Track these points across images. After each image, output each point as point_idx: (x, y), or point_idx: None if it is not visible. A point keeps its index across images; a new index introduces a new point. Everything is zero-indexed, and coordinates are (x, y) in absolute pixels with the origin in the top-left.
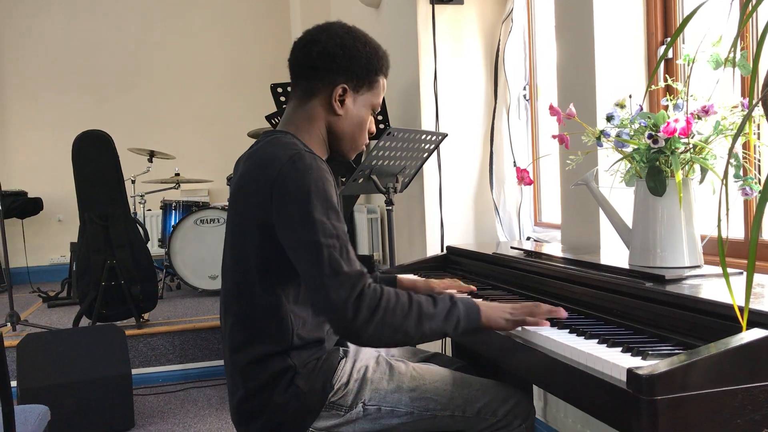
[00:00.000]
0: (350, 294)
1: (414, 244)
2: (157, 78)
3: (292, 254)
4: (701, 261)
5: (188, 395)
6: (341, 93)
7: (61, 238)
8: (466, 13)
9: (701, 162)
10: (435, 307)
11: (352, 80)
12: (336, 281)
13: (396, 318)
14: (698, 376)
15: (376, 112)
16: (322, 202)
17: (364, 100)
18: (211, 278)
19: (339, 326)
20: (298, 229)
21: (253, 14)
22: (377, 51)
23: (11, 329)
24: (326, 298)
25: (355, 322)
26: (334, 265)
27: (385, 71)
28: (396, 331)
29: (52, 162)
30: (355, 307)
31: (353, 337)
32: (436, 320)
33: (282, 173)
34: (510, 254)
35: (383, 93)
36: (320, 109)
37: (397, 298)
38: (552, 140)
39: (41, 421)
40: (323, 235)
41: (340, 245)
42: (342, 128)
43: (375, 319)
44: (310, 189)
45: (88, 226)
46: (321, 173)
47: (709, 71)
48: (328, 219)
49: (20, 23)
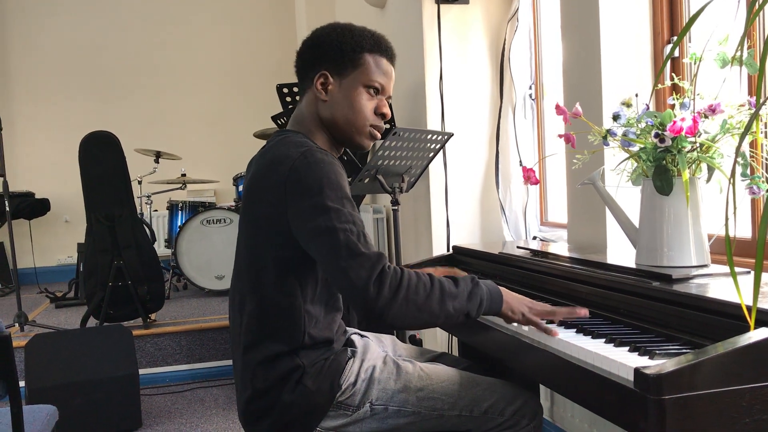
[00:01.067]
0: (371, 273)
1: (420, 244)
2: (163, 79)
3: (309, 246)
4: (708, 260)
5: (195, 395)
6: (322, 81)
7: (68, 238)
8: (471, 12)
9: (708, 161)
10: (457, 287)
11: (329, 65)
12: (355, 262)
13: (419, 296)
14: (706, 376)
15: (377, 90)
16: (336, 192)
17: (352, 80)
18: (217, 278)
19: (362, 307)
20: (313, 219)
21: (259, 15)
22: (352, 31)
23: (19, 330)
24: (346, 279)
25: (378, 301)
26: (351, 247)
27: (372, 48)
28: (420, 310)
29: (59, 163)
30: (376, 286)
31: (377, 317)
32: (460, 299)
33: (294, 168)
34: (516, 254)
35: (382, 72)
36: (311, 102)
37: (418, 278)
38: (558, 139)
39: (49, 421)
40: (338, 221)
41: (357, 230)
42: (332, 113)
43: (398, 298)
44: (322, 181)
45: (95, 227)
46: (333, 166)
47: (716, 70)
48: (343, 207)
49: (27, 26)
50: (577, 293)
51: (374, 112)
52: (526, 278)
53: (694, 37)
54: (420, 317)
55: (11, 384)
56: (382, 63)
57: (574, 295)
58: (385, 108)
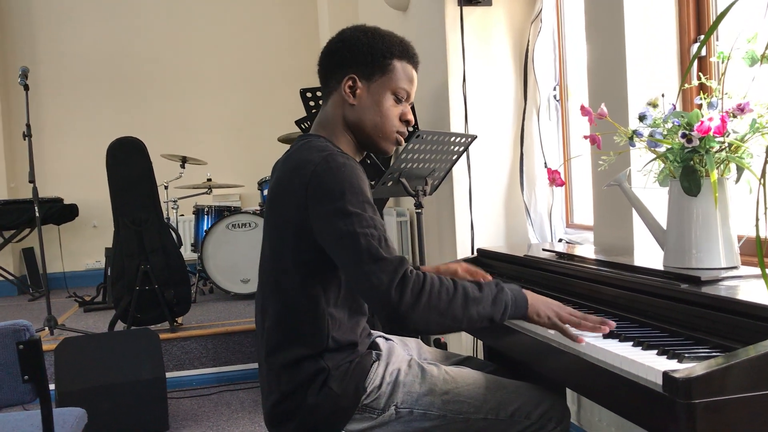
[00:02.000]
0: (393, 278)
1: (444, 247)
2: (188, 85)
3: (330, 250)
4: (738, 262)
5: (222, 398)
6: (351, 84)
7: (96, 243)
8: (494, 14)
9: (737, 161)
10: (481, 292)
11: (359, 69)
12: (377, 267)
13: (442, 301)
14: (737, 380)
15: (402, 97)
16: (357, 196)
17: (380, 86)
18: (243, 282)
19: (385, 312)
20: (334, 224)
21: (282, 20)
22: (383, 36)
23: (49, 333)
24: (368, 284)
25: (401, 305)
26: (373, 252)
27: (401, 55)
28: (443, 315)
29: (87, 169)
30: (399, 290)
31: (400, 322)
32: (484, 304)
33: (316, 172)
34: (542, 256)
35: (409, 79)
36: (337, 105)
37: (441, 282)
38: (583, 141)
39: (78, 424)
40: (359, 225)
41: (378, 235)
42: (359, 118)
43: (421, 303)
44: (344, 185)
45: (122, 232)
46: (354, 171)
47: (745, 68)
48: (364, 211)
49: (55, 35)
50: (603, 296)
51: (399, 119)
52: (552, 281)
53: (722, 35)
54: (443, 322)
55: (41, 387)
56: (409, 70)
57: (600, 298)
58: (409, 115)
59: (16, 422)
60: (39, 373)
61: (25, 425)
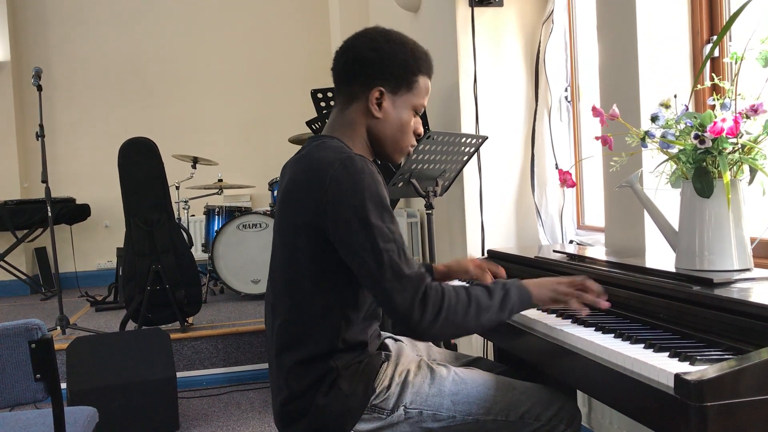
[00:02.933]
0: (414, 296)
1: (454, 248)
2: (199, 85)
3: (349, 259)
4: (751, 264)
5: (232, 398)
6: (378, 96)
7: (108, 243)
8: (505, 14)
9: (750, 162)
10: (491, 299)
11: (388, 82)
12: (399, 285)
13: (458, 316)
14: (749, 382)
15: (419, 112)
16: (377, 205)
17: (404, 101)
18: (253, 282)
19: (406, 328)
20: (355, 234)
21: (293, 21)
22: (414, 52)
23: (61, 333)
24: (391, 302)
25: (422, 323)
26: (396, 269)
27: (425, 71)
28: (458, 327)
29: (99, 169)
30: (421, 309)
31: (418, 336)
32: (493, 311)
33: (334, 177)
34: (553, 258)
35: (427, 93)
36: (360, 113)
37: (457, 296)
38: (595, 142)
39: (90, 423)
40: (382, 239)
41: (398, 248)
42: (382, 131)
43: (440, 319)
44: (364, 193)
45: (133, 232)
46: (373, 176)
47: (758, 69)
48: (384, 222)
49: (67, 36)
50: (615, 297)
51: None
52: None
53: (735, 36)
54: (457, 333)
55: (53, 386)
56: (428, 84)
57: (612, 300)
58: (420, 128)
59: (28, 420)
60: (51, 372)
61: (37, 424)
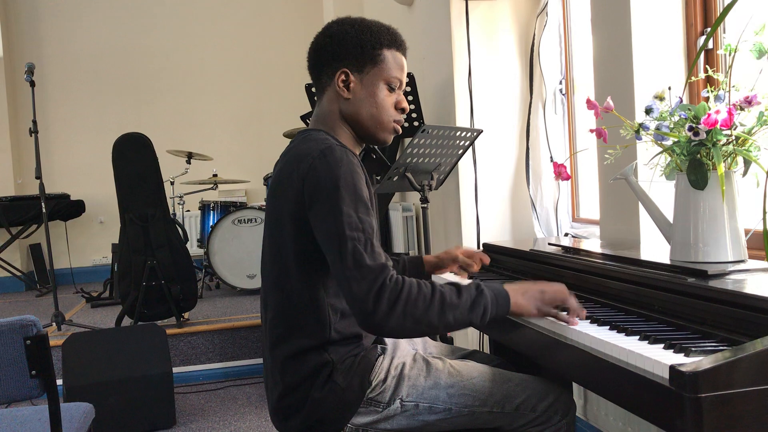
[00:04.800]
0: (371, 287)
1: (450, 242)
2: (194, 80)
3: (322, 246)
4: (745, 255)
5: (228, 393)
6: (344, 78)
7: (102, 239)
8: (500, 8)
9: (744, 154)
10: (459, 297)
11: (349, 62)
12: (357, 274)
13: (417, 309)
14: (744, 373)
15: (395, 85)
16: (351, 194)
17: (373, 77)
18: (249, 277)
19: (360, 318)
20: (326, 221)
21: (287, 16)
22: (370, 27)
23: (56, 329)
24: (349, 290)
25: (376, 314)
26: (357, 258)
27: (389, 44)
28: (418, 322)
29: (93, 165)
30: (375, 299)
31: (375, 329)
32: (461, 310)
33: (313, 166)
34: (548, 250)
35: (399, 67)
36: (333, 100)
37: (419, 290)
38: (589, 134)
39: (86, 419)
40: (349, 227)
41: (365, 238)
42: (356, 111)
43: (395, 312)
44: (339, 182)
45: (128, 228)
46: (351, 166)
47: (752, 61)
48: (356, 212)
49: (60, 31)
50: (610, 290)
51: (395, 107)
52: (558, 275)
53: (729, 28)
54: (418, 329)
55: (49, 382)
56: (399, 57)
57: (607, 292)
58: (404, 103)
59: (24, 417)
60: (46, 368)
61: (33, 420)
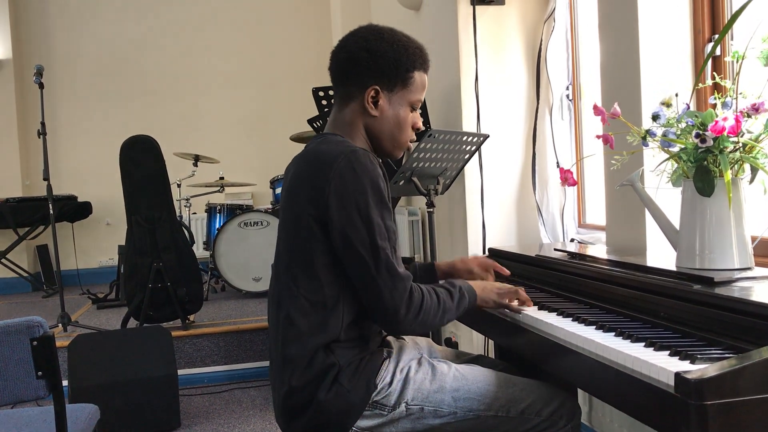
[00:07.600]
0: (404, 294)
1: (455, 246)
2: (201, 83)
3: (345, 252)
4: (752, 263)
5: (233, 396)
6: (374, 95)
7: (109, 241)
8: (507, 13)
9: (751, 161)
10: (452, 300)
11: (383, 81)
12: (391, 283)
13: (430, 316)
14: (750, 381)
15: (416, 108)
16: (378, 202)
17: (400, 98)
18: (254, 280)
19: (389, 322)
20: (355, 228)
21: (295, 19)
22: (407, 48)
23: (62, 330)
24: (381, 297)
25: (406, 320)
26: (390, 267)
27: (420, 66)
28: (426, 326)
29: (100, 167)
30: (407, 306)
31: (398, 331)
32: (451, 312)
33: (339, 170)
34: (553, 256)
35: (423, 88)
36: (357, 112)
37: (431, 298)
38: (596, 140)
39: (91, 420)
40: (380, 237)
41: (391, 247)
42: (380, 129)
43: (419, 319)
44: (367, 189)
45: (135, 230)
46: (376, 171)
47: (760, 68)
48: (383, 220)
49: (68, 34)
50: (615, 296)
51: (411, 127)
52: (564, 281)
53: (736, 35)
54: (423, 330)
55: (54, 383)
56: (424, 78)
57: (612, 298)
58: (419, 122)
59: (29, 418)
60: (52, 369)
61: (38, 421)
